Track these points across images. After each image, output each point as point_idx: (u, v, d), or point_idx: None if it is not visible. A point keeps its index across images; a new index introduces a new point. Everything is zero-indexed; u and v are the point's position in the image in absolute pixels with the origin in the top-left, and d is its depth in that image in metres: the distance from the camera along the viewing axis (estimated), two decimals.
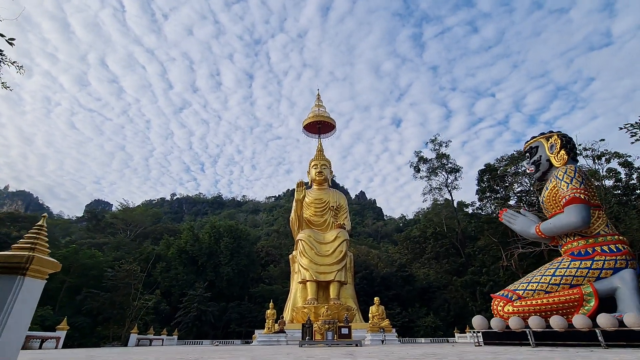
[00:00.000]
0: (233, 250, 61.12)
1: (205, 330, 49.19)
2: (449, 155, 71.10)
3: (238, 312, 53.37)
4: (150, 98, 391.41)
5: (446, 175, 70.47)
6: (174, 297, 54.79)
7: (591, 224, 14.78)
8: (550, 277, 14.65)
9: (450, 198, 69.19)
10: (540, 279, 14.89)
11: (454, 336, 36.78)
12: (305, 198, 39.67)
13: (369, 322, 24.80)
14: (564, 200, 15.22)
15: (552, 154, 16.87)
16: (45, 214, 6.39)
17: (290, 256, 37.78)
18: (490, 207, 54.76)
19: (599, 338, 11.36)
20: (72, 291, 44.21)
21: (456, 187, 68.27)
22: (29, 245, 5.13)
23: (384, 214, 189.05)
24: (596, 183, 33.18)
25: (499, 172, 51.40)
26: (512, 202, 49.20)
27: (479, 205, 59.36)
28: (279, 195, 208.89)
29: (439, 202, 70.86)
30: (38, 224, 5.47)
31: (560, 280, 14.32)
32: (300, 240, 34.09)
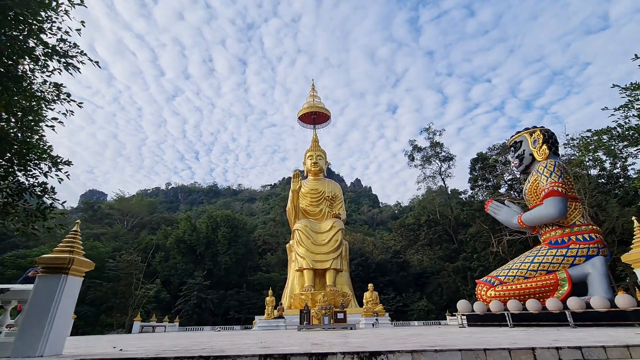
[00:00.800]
0: (231, 239, 62.26)
1: (205, 317, 50.65)
2: (442, 143, 72.28)
3: (237, 300, 54.88)
4: (142, 85, 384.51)
5: (440, 164, 71.74)
6: (173, 285, 56.08)
7: (568, 214, 15.93)
8: (529, 264, 15.85)
9: (443, 186, 70.67)
10: (520, 266, 16.09)
11: (445, 319, 38.49)
12: (302, 188, 40.52)
13: (363, 307, 26.15)
14: (543, 192, 16.32)
15: (534, 148, 17.88)
16: (78, 220, 7.26)
17: (288, 245, 38.89)
18: (482, 195, 56.18)
19: (569, 319, 12.61)
20: None
21: (450, 175, 69.68)
22: (68, 248, 6.01)
23: (380, 201, 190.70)
24: (582, 172, 34.40)
25: (490, 161, 52.66)
26: (502, 190, 50.60)
27: (471, 193, 60.82)
28: (274, 183, 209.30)
29: (432, 190, 72.27)
30: (74, 229, 6.34)
31: (538, 267, 15.53)
32: (297, 230, 35.15)
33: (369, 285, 28.79)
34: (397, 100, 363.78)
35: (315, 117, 51.47)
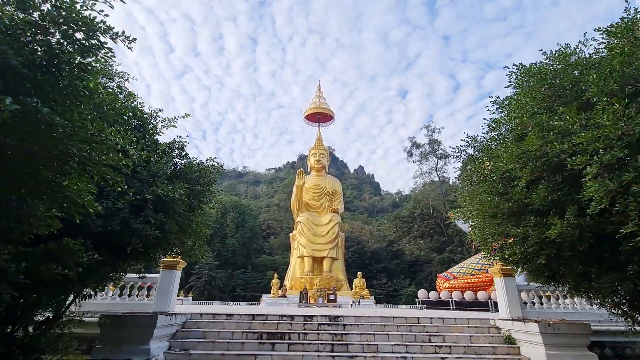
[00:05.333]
0: (238, 224, 67.74)
1: (215, 294, 56.60)
2: (440, 141, 76.48)
3: (243, 279, 60.78)
4: (151, 61, 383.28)
5: (436, 161, 76.22)
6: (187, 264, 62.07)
7: None
8: (475, 264, 20.77)
9: (438, 181, 75.28)
10: (469, 265, 21.04)
11: None
12: (305, 183, 45.31)
13: (352, 291, 31.43)
14: None
15: None
16: None
17: (291, 235, 43.98)
18: None
19: (490, 305, 17.60)
20: None
21: (445, 172, 74.23)
22: (174, 254, 10.92)
23: (382, 188, 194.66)
24: None
25: None
26: None
27: None
28: (278, 167, 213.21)
29: (428, 185, 77.01)
30: None
31: (481, 267, 20.43)
32: (300, 222, 40.26)
33: (359, 273, 33.97)
34: (408, 84, 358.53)
35: (320, 117, 55.74)
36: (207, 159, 8.15)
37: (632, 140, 4.07)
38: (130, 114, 5.55)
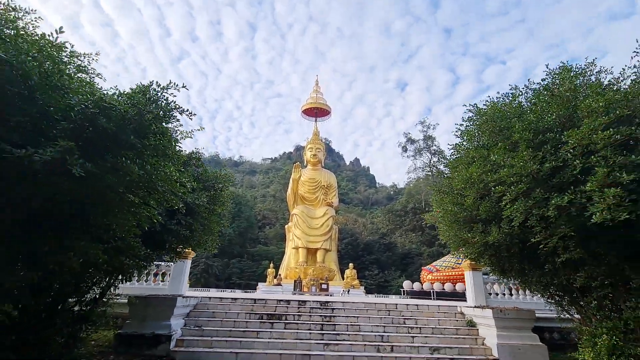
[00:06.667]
0: (235, 214, 69.31)
1: (211, 281, 58.47)
2: (434, 137, 78.15)
3: (238, 268, 62.66)
4: (147, 45, 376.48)
5: (430, 157, 77.99)
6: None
7: None
8: (456, 258, 22.56)
9: (431, 177, 77.18)
10: (451, 259, 22.84)
11: None
12: (301, 177, 46.89)
13: (344, 280, 33.34)
14: None
15: None
16: None
17: (287, 226, 45.67)
18: None
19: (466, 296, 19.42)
20: None
21: (438, 167, 76.03)
22: (184, 247, 12.50)
23: (377, 181, 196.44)
24: None
25: None
26: None
27: None
28: (274, 157, 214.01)
29: (421, 180, 78.92)
30: None
31: (462, 262, 22.23)
32: (295, 214, 41.95)
33: (350, 264, 35.87)
34: (408, 77, 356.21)
35: (317, 112, 57.04)
36: (221, 169, 9.68)
37: (538, 177, 5.68)
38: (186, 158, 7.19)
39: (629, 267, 5.75)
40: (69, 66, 4.71)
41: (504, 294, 13.58)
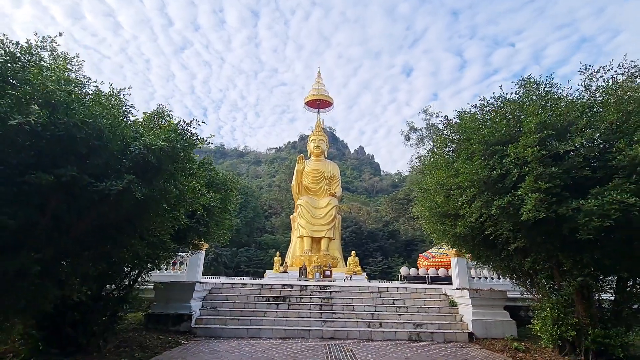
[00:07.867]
0: (242, 205, 71.20)
1: (220, 269, 60.75)
2: (437, 126, 78.63)
3: (246, 256, 64.87)
4: (150, 35, 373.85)
5: (433, 145, 78.64)
6: None
7: None
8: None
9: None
10: (446, 246, 24.22)
11: None
12: (305, 168, 48.31)
13: (346, 267, 35.09)
14: None
15: None
16: None
17: (292, 216, 47.40)
18: None
19: None
20: None
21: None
22: (202, 240, 14.07)
23: (382, 169, 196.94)
24: None
25: None
26: None
27: None
28: (279, 147, 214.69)
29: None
30: None
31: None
32: (300, 205, 43.57)
33: (352, 252, 37.60)
34: (414, 62, 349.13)
35: (319, 103, 58.04)
36: (228, 172, 11.13)
37: (488, 182, 7.04)
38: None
39: (560, 254, 7.14)
40: (128, 115, 6.26)
41: (485, 278, 15.04)
